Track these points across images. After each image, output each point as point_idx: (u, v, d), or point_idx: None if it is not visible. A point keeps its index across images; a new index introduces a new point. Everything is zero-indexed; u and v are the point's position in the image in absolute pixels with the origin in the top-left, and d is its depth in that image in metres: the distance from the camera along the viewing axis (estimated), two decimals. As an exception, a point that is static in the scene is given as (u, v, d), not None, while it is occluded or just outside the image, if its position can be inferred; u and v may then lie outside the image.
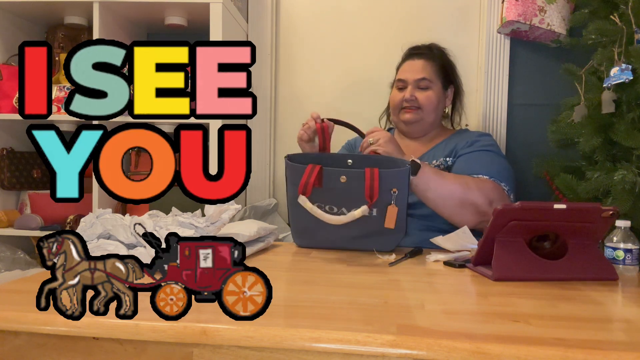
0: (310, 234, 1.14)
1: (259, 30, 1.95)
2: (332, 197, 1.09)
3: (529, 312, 0.69)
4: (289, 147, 2.00)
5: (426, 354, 0.55)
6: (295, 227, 1.18)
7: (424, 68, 1.44)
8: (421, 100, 1.41)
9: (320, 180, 1.08)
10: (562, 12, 1.71)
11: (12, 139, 1.79)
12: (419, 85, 1.43)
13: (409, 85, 1.43)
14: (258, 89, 1.95)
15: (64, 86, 1.69)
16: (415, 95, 1.42)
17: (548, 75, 1.85)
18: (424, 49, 1.49)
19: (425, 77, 1.42)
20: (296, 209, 1.13)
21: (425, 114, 1.43)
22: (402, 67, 1.49)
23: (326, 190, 1.09)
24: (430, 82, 1.43)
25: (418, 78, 1.42)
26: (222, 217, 0.95)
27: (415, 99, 1.41)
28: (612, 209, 0.88)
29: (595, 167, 1.40)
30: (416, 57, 1.46)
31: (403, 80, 1.44)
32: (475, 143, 1.37)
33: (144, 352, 0.61)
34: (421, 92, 1.42)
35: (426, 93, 1.42)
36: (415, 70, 1.43)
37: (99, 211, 0.95)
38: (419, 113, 1.42)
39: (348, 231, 1.10)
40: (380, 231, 1.10)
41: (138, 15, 1.80)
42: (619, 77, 1.29)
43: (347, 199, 1.08)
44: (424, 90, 1.43)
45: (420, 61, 1.45)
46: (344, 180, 1.07)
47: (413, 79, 1.43)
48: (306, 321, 0.61)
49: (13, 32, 1.80)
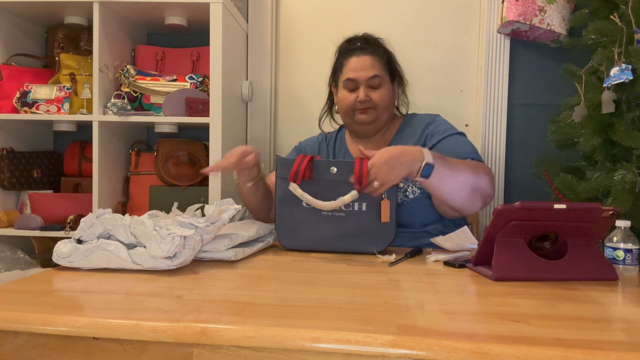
0: (297, 233, 1.14)
1: (259, 30, 1.95)
2: (322, 190, 1.11)
3: (529, 312, 0.68)
4: (289, 147, 2.00)
5: (426, 354, 0.55)
6: (281, 226, 1.15)
7: (372, 65, 1.34)
8: (375, 100, 1.33)
9: (311, 172, 1.12)
10: (562, 12, 1.71)
11: (12, 139, 1.79)
12: (370, 83, 1.33)
13: (360, 85, 1.33)
14: (258, 89, 1.95)
15: (64, 86, 1.69)
16: (370, 95, 1.33)
17: (548, 75, 1.85)
18: (366, 43, 1.38)
19: (377, 75, 1.33)
20: (283, 207, 1.14)
21: (379, 113, 1.35)
22: (347, 65, 1.36)
23: (316, 183, 1.11)
24: (381, 78, 1.34)
25: (370, 76, 1.33)
26: (222, 217, 0.95)
27: (369, 99, 1.33)
28: (612, 209, 0.89)
29: (595, 167, 1.40)
30: (361, 53, 1.35)
31: (353, 80, 1.34)
32: (436, 131, 1.33)
33: (144, 352, 0.61)
34: (374, 91, 1.34)
35: (379, 91, 1.34)
36: (365, 67, 1.33)
37: (99, 211, 0.95)
38: (374, 113, 1.34)
39: (337, 229, 1.11)
40: (370, 229, 1.12)
41: (138, 15, 1.80)
42: (619, 77, 1.29)
43: (337, 191, 1.10)
44: (376, 88, 1.34)
45: (367, 57, 1.34)
46: (334, 171, 1.12)
47: (365, 78, 1.33)
48: (306, 321, 0.61)
49: (13, 32, 1.80)
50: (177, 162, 1.74)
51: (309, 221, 1.13)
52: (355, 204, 1.12)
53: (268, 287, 0.80)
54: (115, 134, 1.77)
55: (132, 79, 1.71)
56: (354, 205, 1.12)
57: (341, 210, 1.12)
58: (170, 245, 0.85)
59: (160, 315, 0.62)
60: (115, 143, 1.77)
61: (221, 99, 1.61)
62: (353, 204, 1.13)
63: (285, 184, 1.13)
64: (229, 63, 1.71)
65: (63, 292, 0.74)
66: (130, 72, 1.71)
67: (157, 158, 1.75)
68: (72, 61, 1.73)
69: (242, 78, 1.91)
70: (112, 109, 1.65)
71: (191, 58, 1.87)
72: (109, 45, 1.70)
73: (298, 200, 1.12)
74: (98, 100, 1.65)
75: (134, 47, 1.90)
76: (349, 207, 1.12)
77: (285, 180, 1.13)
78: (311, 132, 1.99)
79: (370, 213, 1.12)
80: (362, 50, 1.36)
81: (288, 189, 1.12)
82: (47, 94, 1.69)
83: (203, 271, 0.90)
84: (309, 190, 1.11)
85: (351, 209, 1.13)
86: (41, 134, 1.96)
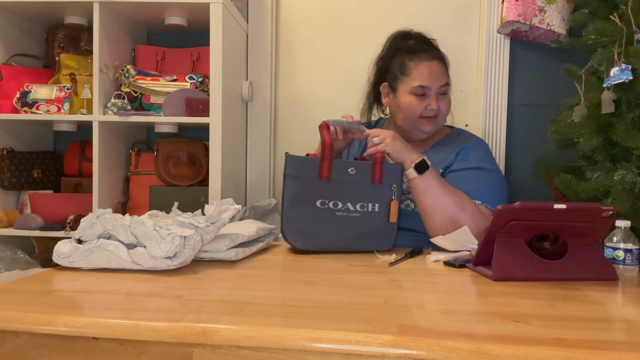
0: (311, 234, 1.12)
1: (259, 30, 1.95)
2: (338, 192, 1.11)
3: (529, 312, 0.69)
4: (289, 147, 2.00)
5: (426, 354, 0.55)
6: (292, 227, 1.12)
7: (443, 72, 1.31)
8: (442, 109, 1.31)
9: (329, 173, 1.12)
10: (562, 12, 1.71)
11: (12, 139, 1.79)
12: (440, 91, 1.30)
13: (432, 93, 1.29)
14: (258, 89, 1.95)
15: (64, 86, 1.69)
16: (439, 104, 1.30)
17: (548, 75, 1.85)
18: (428, 45, 1.35)
19: (447, 82, 1.31)
20: (294, 207, 1.12)
21: (441, 121, 1.34)
22: (418, 70, 1.29)
23: (334, 184, 1.11)
24: (448, 86, 1.32)
25: (441, 84, 1.30)
26: (222, 217, 0.95)
27: (439, 108, 1.30)
28: (612, 209, 0.89)
29: (595, 167, 1.40)
30: (432, 58, 1.30)
31: (426, 87, 1.28)
32: (470, 157, 1.30)
33: (144, 352, 0.61)
34: (442, 100, 1.31)
35: (446, 99, 1.32)
36: (438, 76, 1.29)
37: (99, 211, 0.95)
38: (438, 122, 1.33)
39: (352, 229, 1.11)
40: (380, 229, 1.14)
41: (138, 15, 1.80)
42: (619, 77, 1.29)
43: (352, 193, 1.11)
44: (443, 96, 1.31)
45: (438, 64, 1.31)
46: (353, 172, 1.12)
47: (437, 86, 1.29)
48: (306, 321, 0.61)
49: (13, 32, 1.80)
50: (177, 162, 1.74)
51: (323, 222, 1.11)
52: (369, 204, 1.13)
53: (268, 287, 0.80)
54: (116, 134, 1.77)
55: (132, 79, 1.71)
56: (368, 206, 1.13)
57: (356, 210, 1.13)
58: (171, 245, 0.85)
59: (160, 315, 0.62)
60: (115, 143, 1.77)
61: (221, 99, 1.61)
62: (367, 205, 1.13)
63: (297, 183, 1.11)
64: (229, 63, 1.71)
65: (63, 292, 0.74)
66: (130, 72, 1.71)
67: (157, 158, 1.75)
68: (72, 61, 1.73)
69: (242, 78, 1.91)
70: (112, 109, 1.65)
71: (191, 58, 1.87)
72: (109, 45, 1.71)
73: (311, 200, 1.11)
74: (98, 100, 1.65)
75: (134, 47, 1.90)
76: (364, 207, 1.13)
77: (297, 179, 1.11)
78: (311, 132, 2.00)
79: (381, 213, 1.14)
80: (432, 56, 1.31)
81: (299, 188, 1.10)
82: (47, 94, 1.69)
83: (203, 271, 0.90)
84: (326, 191, 1.11)
85: (366, 210, 1.13)
86: (41, 134, 1.96)
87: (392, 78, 1.36)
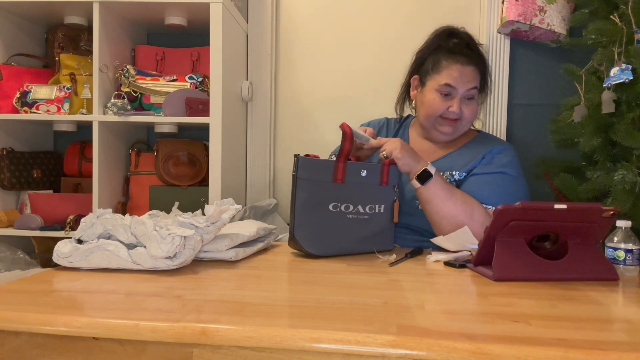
0: (324, 238, 1.07)
1: (259, 30, 1.95)
2: (349, 194, 1.10)
3: (529, 312, 0.68)
4: (289, 147, 2.00)
5: (426, 354, 0.55)
6: (305, 233, 1.05)
7: (475, 77, 1.28)
8: (466, 114, 1.28)
9: (342, 175, 1.10)
10: (562, 12, 1.71)
11: (12, 139, 1.79)
12: (467, 95, 1.28)
13: (457, 95, 1.27)
14: (258, 89, 1.95)
15: (64, 86, 1.69)
16: (462, 109, 1.28)
17: (548, 75, 1.85)
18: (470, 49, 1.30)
19: (475, 86, 1.28)
20: (307, 212, 1.06)
21: (463, 126, 1.32)
22: (449, 69, 1.27)
23: (346, 187, 1.10)
24: (476, 91, 1.29)
25: (469, 87, 1.27)
26: (222, 217, 0.95)
27: (461, 111, 1.28)
28: (613, 209, 0.88)
29: (595, 167, 1.40)
30: (467, 62, 1.27)
31: (451, 87, 1.26)
32: (494, 161, 1.27)
33: (144, 352, 0.61)
34: (466, 105, 1.28)
35: (471, 105, 1.29)
36: (468, 79, 1.27)
37: (99, 211, 0.95)
38: (459, 126, 1.31)
39: (360, 231, 1.11)
40: (384, 229, 1.15)
41: (138, 15, 1.80)
42: (619, 77, 1.29)
43: (363, 195, 1.11)
44: (469, 100, 1.29)
45: (472, 68, 1.28)
46: (364, 174, 1.12)
47: (464, 90, 1.27)
48: (306, 321, 0.61)
49: (13, 32, 1.80)
50: (177, 162, 1.74)
51: (335, 225, 1.09)
52: (376, 206, 1.14)
53: (268, 287, 0.80)
54: (115, 134, 1.77)
55: (132, 79, 1.71)
56: (376, 207, 1.14)
57: (366, 212, 1.13)
58: (171, 245, 0.85)
59: (160, 315, 0.62)
60: (115, 143, 1.77)
61: (221, 99, 1.61)
62: (375, 207, 1.13)
63: (310, 186, 1.06)
64: (229, 63, 1.71)
65: (63, 292, 0.74)
66: (130, 72, 1.71)
67: (157, 158, 1.74)
68: (72, 61, 1.73)
69: (242, 78, 1.91)
70: (112, 109, 1.65)
71: (191, 58, 1.87)
72: (109, 45, 1.70)
73: (323, 204, 1.07)
74: (98, 100, 1.65)
75: (134, 47, 1.90)
76: (373, 209, 1.13)
77: (309, 181, 1.06)
78: (311, 132, 2.00)
79: (386, 214, 1.15)
80: (468, 59, 1.28)
81: (313, 191, 1.06)
82: (47, 94, 1.69)
83: (203, 271, 0.90)
84: (338, 194, 1.09)
85: (374, 212, 1.13)
86: (41, 134, 1.95)
87: (424, 72, 1.34)
